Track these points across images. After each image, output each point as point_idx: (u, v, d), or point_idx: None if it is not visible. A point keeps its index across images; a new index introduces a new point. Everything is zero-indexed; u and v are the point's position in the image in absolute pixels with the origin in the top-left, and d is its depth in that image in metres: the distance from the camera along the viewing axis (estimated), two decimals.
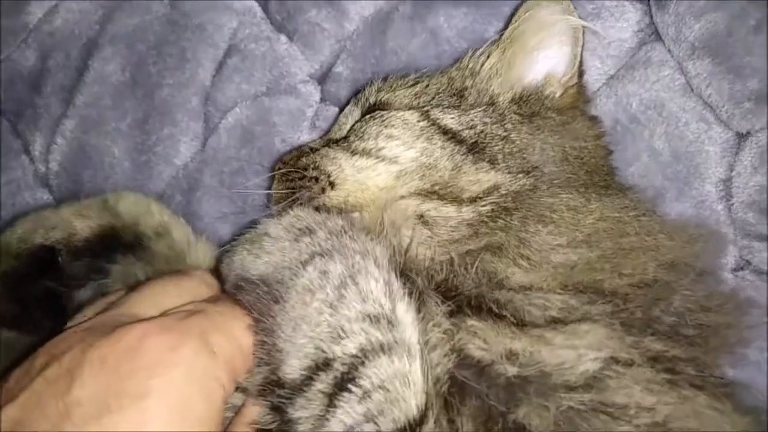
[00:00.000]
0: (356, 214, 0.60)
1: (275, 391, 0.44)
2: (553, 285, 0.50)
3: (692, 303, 0.51)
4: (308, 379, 0.43)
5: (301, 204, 0.60)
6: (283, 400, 0.44)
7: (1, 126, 0.82)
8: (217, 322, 0.46)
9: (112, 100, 0.78)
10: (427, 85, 0.68)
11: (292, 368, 0.44)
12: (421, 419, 0.42)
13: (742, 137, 0.69)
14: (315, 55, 0.79)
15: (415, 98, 0.67)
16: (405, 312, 0.46)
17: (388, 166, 0.61)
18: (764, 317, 0.62)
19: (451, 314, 0.48)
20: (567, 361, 0.45)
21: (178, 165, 0.77)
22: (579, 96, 0.68)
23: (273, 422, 0.45)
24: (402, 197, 0.59)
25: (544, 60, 0.67)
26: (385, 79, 0.71)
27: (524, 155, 0.60)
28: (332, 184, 0.62)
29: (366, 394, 0.42)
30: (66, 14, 0.82)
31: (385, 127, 0.63)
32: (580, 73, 0.68)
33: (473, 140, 0.61)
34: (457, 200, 0.58)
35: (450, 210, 0.57)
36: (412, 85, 0.69)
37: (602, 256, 0.53)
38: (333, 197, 0.61)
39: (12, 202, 0.79)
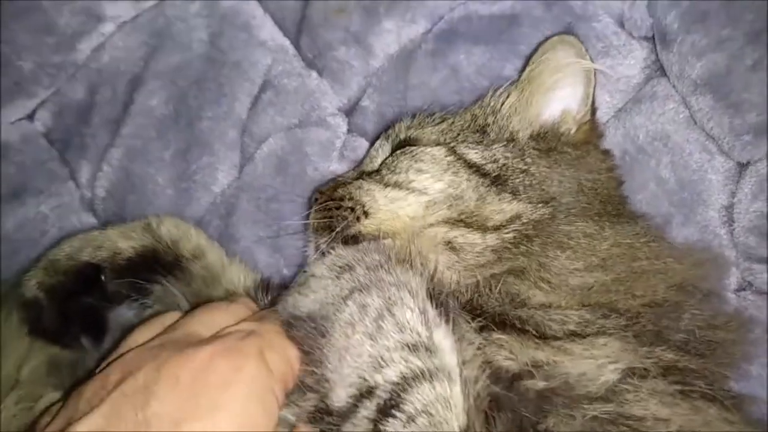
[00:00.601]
0: (388, 241, 0.64)
1: (324, 419, 0.48)
2: (571, 303, 0.54)
3: (700, 321, 0.55)
4: (354, 407, 0.46)
5: (338, 232, 0.65)
6: (332, 427, 0.47)
7: (50, 154, 0.87)
8: (270, 342, 0.50)
9: (156, 131, 0.84)
10: (452, 123, 0.73)
11: (339, 397, 0.48)
12: None
13: (742, 167, 0.73)
14: (343, 89, 0.85)
15: (442, 135, 0.72)
16: (443, 338, 0.49)
17: (418, 197, 0.65)
18: (765, 334, 0.67)
19: (480, 330, 0.52)
20: (588, 371, 0.49)
21: (216, 192, 0.83)
22: (592, 132, 0.73)
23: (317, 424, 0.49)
24: (431, 225, 0.63)
25: (559, 99, 0.72)
26: (413, 116, 0.76)
27: (543, 187, 0.65)
28: (366, 214, 0.66)
29: (410, 419, 0.44)
30: (112, 51, 0.87)
31: (415, 161, 0.68)
32: (593, 111, 0.73)
33: (496, 173, 0.66)
34: (482, 228, 0.62)
35: (476, 237, 0.62)
36: (439, 123, 0.74)
37: (616, 279, 0.57)
38: (367, 225, 0.65)
39: (60, 225, 0.84)
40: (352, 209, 0.66)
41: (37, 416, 0.56)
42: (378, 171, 0.71)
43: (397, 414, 0.45)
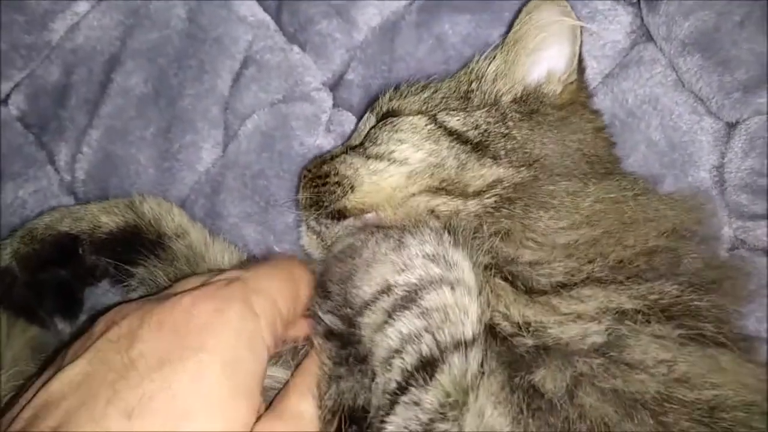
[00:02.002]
0: (372, 214, 0.64)
1: (346, 311, 0.51)
2: (559, 258, 0.54)
3: (699, 262, 0.55)
4: (373, 300, 0.50)
5: (324, 207, 0.66)
6: (352, 313, 0.50)
7: (26, 138, 0.85)
8: (256, 287, 0.50)
9: (136, 110, 0.81)
10: (435, 91, 0.72)
11: (362, 295, 0.51)
12: (472, 344, 0.47)
13: (731, 126, 0.73)
14: (327, 63, 0.83)
15: (424, 104, 0.71)
16: (462, 258, 0.51)
17: (399, 168, 0.65)
18: (762, 287, 0.67)
19: (485, 268, 0.53)
20: (576, 335, 0.49)
21: (200, 170, 0.81)
22: (579, 92, 0.72)
23: (341, 328, 0.51)
24: (413, 195, 0.63)
25: (545, 59, 0.70)
26: (396, 88, 0.75)
27: (525, 150, 0.64)
28: (352, 188, 0.66)
29: (425, 313, 0.48)
30: (88, 31, 0.85)
31: (396, 132, 0.68)
32: (581, 70, 0.72)
33: (477, 139, 0.65)
34: (463, 194, 0.62)
35: (457, 204, 0.61)
36: (421, 92, 0.73)
37: (605, 232, 0.57)
38: (352, 200, 0.65)
39: (39, 210, 0.81)
40: (338, 184, 0.66)
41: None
42: (361, 144, 0.70)
43: (412, 307, 0.48)
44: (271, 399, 0.50)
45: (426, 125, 0.67)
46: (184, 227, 0.72)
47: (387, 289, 0.50)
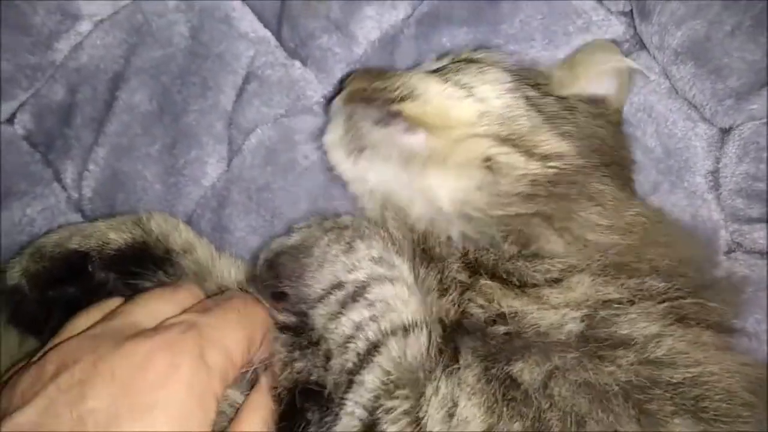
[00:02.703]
0: (422, 135, 0.65)
1: (300, 306, 0.58)
2: (581, 260, 0.56)
3: (696, 285, 0.57)
4: (326, 294, 0.57)
5: (377, 105, 0.67)
6: (305, 307, 0.57)
7: (33, 157, 0.86)
8: (211, 337, 0.51)
9: (141, 127, 0.83)
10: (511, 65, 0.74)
11: (315, 291, 0.58)
12: (412, 329, 0.53)
13: (725, 132, 0.75)
14: (328, 77, 0.84)
15: (505, 63, 0.72)
16: (402, 262, 0.60)
17: (475, 104, 0.65)
18: (760, 290, 0.69)
19: (470, 275, 0.57)
20: (555, 321, 0.52)
21: (206, 185, 0.82)
22: (621, 121, 0.76)
23: (294, 321, 0.58)
24: (476, 135, 0.64)
25: (601, 85, 0.74)
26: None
27: (587, 142, 0.66)
28: (414, 97, 0.66)
29: (371, 304, 0.55)
30: (91, 50, 0.86)
31: (482, 73, 0.68)
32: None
33: (550, 113, 0.67)
34: (528, 153, 0.62)
35: (520, 160, 0.62)
36: (496, 53, 0.75)
37: (630, 245, 0.59)
38: (410, 108, 0.65)
39: (48, 228, 0.82)
40: (403, 88, 0.66)
41: None
42: (437, 70, 0.70)
43: (360, 299, 0.55)
44: (224, 423, 0.53)
45: (509, 80, 0.68)
46: (190, 243, 0.73)
47: (338, 285, 0.57)
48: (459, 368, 0.50)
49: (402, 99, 0.66)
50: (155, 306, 0.55)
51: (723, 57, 0.71)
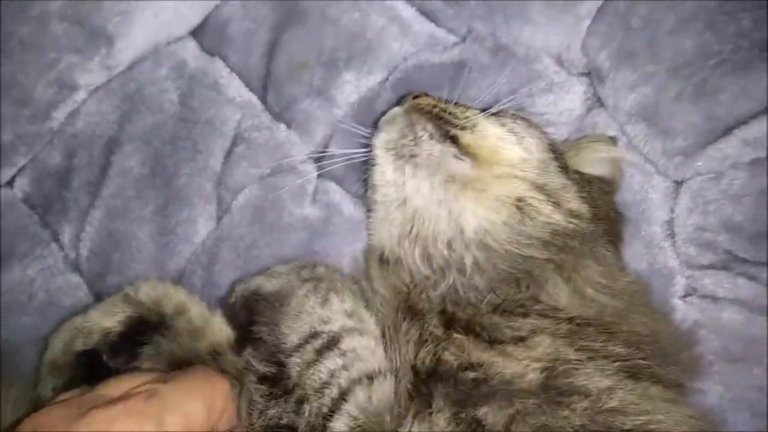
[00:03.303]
0: (468, 163, 0.71)
1: (278, 356, 0.65)
2: (576, 315, 0.62)
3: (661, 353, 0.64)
4: (303, 344, 0.64)
5: (438, 123, 0.73)
6: (283, 357, 0.64)
7: (32, 219, 0.91)
8: (172, 405, 0.55)
9: (135, 190, 0.88)
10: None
11: (292, 340, 0.65)
12: (384, 375, 0.61)
13: (678, 184, 0.81)
14: (311, 138, 0.90)
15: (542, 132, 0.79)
16: (369, 317, 0.68)
17: (521, 151, 0.72)
18: (711, 333, 0.74)
19: (446, 328, 0.63)
20: (517, 372, 0.57)
21: (197, 243, 0.87)
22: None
23: (272, 371, 0.64)
24: (515, 176, 0.70)
25: (599, 169, 0.81)
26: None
27: (596, 211, 0.73)
28: (473, 130, 0.73)
29: (343, 354, 0.63)
30: (87, 117, 0.91)
31: (530, 128, 0.76)
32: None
33: (574, 180, 0.74)
34: (556, 204, 0.69)
35: (547, 208, 0.68)
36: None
37: (617, 307, 0.65)
38: (465, 137, 0.72)
39: (46, 287, 0.87)
40: (462, 119, 0.73)
41: None
42: (494, 114, 0.77)
43: (335, 349, 0.63)
44: None
45: (546, 143, 0.76)
46: (183, 304, 0.75)
47: (314, 335, 0.65)
48: (431, 413, 0.56)
49: (463, 128, 0.72)
50: (121, 379, 0.60)
51: (669, 120, 0.77)
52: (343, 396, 0.59)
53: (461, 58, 0.88)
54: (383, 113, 0.81)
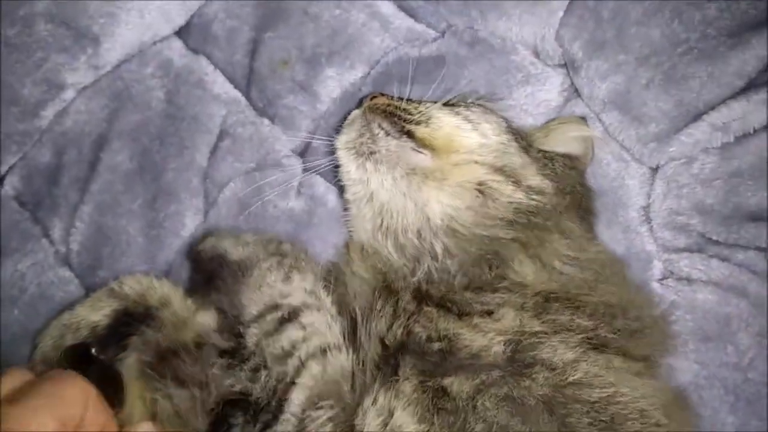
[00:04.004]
0: (428, 155, 0.73)
1: (236, 327, 0.68)
2: (542, 289, 0.64)
3: (633, 326, 0.65)
4: (262, 315, 0.68)
5: (393, 120, 0.75)
6: (242, 328, 0.67)
7: (22, 215, 0.92)
8: (15, 428, 0.53)
9: (124, 185, 0.89)
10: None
11: (250, 311, 0.68)
12: (338, 349, 0.65)
13: (654, 171, 0.83)
14: (294, 133, 0.92)
15: (500, 116, 0.82)
16: (326, 296, 0.71)
17: (478, 137, 0.74)
18: (687, 313, 0.76)
19: (418, 302, 0.66)
20: (483, 345, 0.59)
21: (185, 236, 0.88)
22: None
23: (231, 345, 0.67)
24: (474, 162, 0.72)
25: (570, 148, 0.83)
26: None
27: (562, 185, 0.75)
28: (427, 123, 0.75)
29: (303, 327, 0.66)
30: (75, 116, 0.93)
31: (485, 114, 0.78)
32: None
33: (535, 157, 0.76)
34: (516, 183, 0.71)
35: (508, 188, 0.71)
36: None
37: (586, 279, 0.67)
38: (420, 130, 0.74)
39: (38, 281, 0.88)
40: (420, 113, 0.76)
41: None
42: (447, 104, 0.79)
43: (295, 322, 0.66)
44: None
45: (506, 125, 0.78)
46: (167, 297, 0.77)
47: (275, 307, 0.68)
48: (398, 380, 0.58)
49: (417, 123, 0.75)
50: None
51: (642, 107, 0.79)
52: (301, 368, 0.62)
53: (440, 52, 0.91)
54: (345, 117, 0.84)
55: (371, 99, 0.81)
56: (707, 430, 0.72)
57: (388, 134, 0.75)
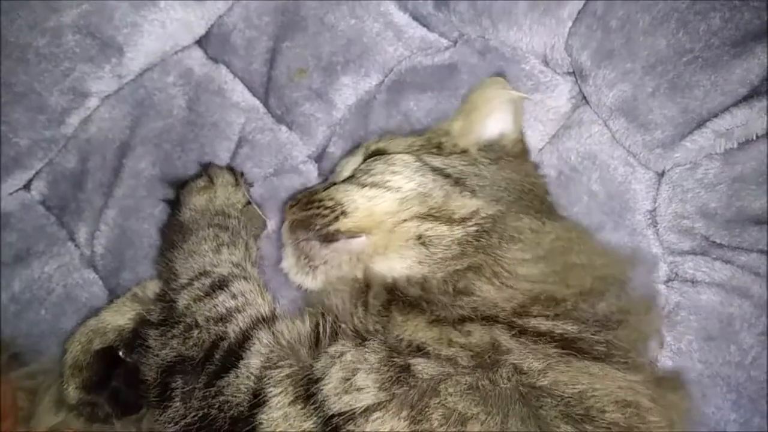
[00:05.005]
0: (363, 238, 0.73)
1: (167, 293, 0.73)
2: (515, 302, 0.64)
3: (613, 307, 0.66)
4: (191, 282, 0.73)
5: (318, 229, 0.75)
6: (174, 294, 0.72)
7: (48, 219, 0.96)
8: None
9: (146, 190, 0.93)
10: (414, 140, 0.84)
11: (182, 278, 0.74)
12: (272, 318, 0.69)
13: (660, 175, 0.85)
14: (311, 139, 0.96)
15: (408, 147, 0.82)
16: (252, 270, 0.77)
17: (393, 195, 0.74)
18: (691, 314, 0.79)
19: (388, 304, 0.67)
20: (450, 355, 0.59)
21: None
22: (524, 147, 0.86)
23: (162, 317, 0.72)
24: (404, 221, 0.72)
25: (495, 123, 0.84)
26: (380, 136, 0.88)
27: (494, 187, 0.76)
28: (344, 213, 0.74)
29: (234, 296, 0.70)
30: (100, 123, 0.97)
31: (389, 165, 0.77)
32: (522, 132, 0.87)
33: (456, 176, 0.76)
34: (449, 221, 0.71)
35: (444, 229, 0.71)
36: (404, 138, 0.85)
37: (554, 271, 0.68)
38: (346, 223, 0.74)
39: (64, 283, 0.91)
40: (332, 209, 0.75)
41: None
42: (352, 176, 0.79)
43: (225, 290, 0.71)
44: None
45: (414, 162, 0.78)
46: None
47: (204, 273, 0.73)
48: (367, 349, 0.60)
49: (336, 218, 0.74)
50: None
51: (648, 114, 0.81)
52: (247, 337, 0.65)
53: (452, 60, 0.93)
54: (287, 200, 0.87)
55: (290, 208, 0.81)
56: (710, 427, 0.75)
57: (320, 246, 0.75)
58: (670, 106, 0.80)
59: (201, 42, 1.00)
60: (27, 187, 0.97)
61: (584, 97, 0.91)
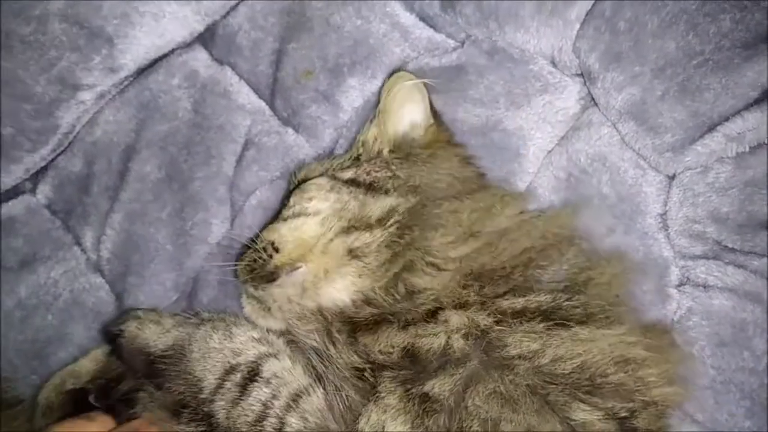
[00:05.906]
0: (302, 268, 0.75)
1: (198, 404, 0.65)
2: (453, 283, 0.66)
3: (574, 267, 0.68)
4: (222, 382, 0.66)
5: (257, 272, 0.77)
6: (207, 406, 0.65)
7: (54, 223, 0.95)
8: None
9: (152, 194, 0.92)
10: (333, 159, 0.87)
11: (210, 382, 0.67)
12: (307, 391, 0.65)
13: (671, 178, 0.84)
14: (318, 142, 0.95)
15: (324, 169, 0.85)
16: (275, 337, 0.73)
17: (314, 218, 0.77)
18: (703, 320, 0.78)
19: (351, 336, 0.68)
20: (442, 343, 0.62)
21: (211, 243, 0.91)
22: (440, 132, 0.87)
23: (203, 429, 0.65)
24: (331, 240, 0.75)
25: (405, 115, 0.86)
26: (302, 165, 0.91)
27: (409, 183, 0.78)
28: (276, 249, 0.77)
29: (267, 381, 0.65)
30: (105, 126, 0.96)
31: (305, 193, 0.81)
32: (436, 115, 0.88)
33: (368, 182, 0.79)
34: (368, 226, 0.74)
35: (367, 236, 0.73)
36: (322, 162, 0.88)
37: (486, 243, 0.70)
38: (279, 258, 0.76)
39: (70, 288, 0.91)
40: (265, 249, 0.77)
41: None
42: (279, 214, 0.83)
43: (258, 379, 0.65)
44: None
45: (327, 182, 0.81)
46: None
47: (231, 369, 0.67)
48: (383, 396, 0.60)
49: (271, 256, 0.76)
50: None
51: (657, 117, 0.80)
52: (281, 427, 0.62)
53: (460, 61, 0.93)
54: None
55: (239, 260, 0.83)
56: None
57: (267, 287, 0.76)
58: (680, 109, 0.79)
59: (206, 43, 0.99)
60: (33, 191, 0.96)
61: (593, 99, 0.90)
